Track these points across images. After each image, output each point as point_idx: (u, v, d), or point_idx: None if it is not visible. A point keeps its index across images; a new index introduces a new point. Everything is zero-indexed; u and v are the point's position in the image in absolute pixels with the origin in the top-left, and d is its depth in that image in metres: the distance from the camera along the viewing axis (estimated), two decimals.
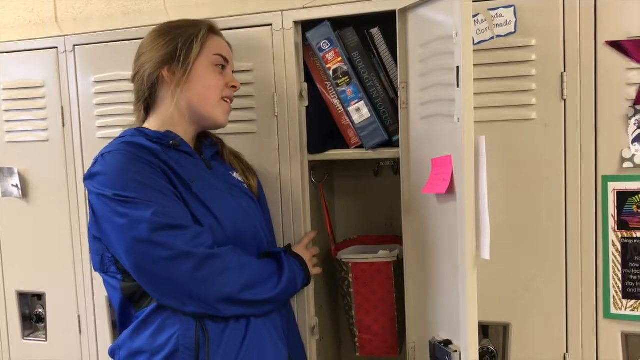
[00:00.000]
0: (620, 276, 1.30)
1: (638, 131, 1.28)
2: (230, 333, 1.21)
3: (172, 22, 1.36)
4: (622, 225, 1.30)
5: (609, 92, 1.29)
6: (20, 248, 1.84)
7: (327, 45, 1.48)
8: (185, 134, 1.33)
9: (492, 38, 1.35)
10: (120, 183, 1.18)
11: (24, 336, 1.88)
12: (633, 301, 1.30)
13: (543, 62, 1.32)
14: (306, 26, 1.50)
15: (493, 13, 1.34)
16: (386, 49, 1.49)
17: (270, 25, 1.51)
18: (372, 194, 1.88)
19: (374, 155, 1.52)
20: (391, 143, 1.50)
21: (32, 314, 1.87)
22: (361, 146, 1.52)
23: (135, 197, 1.16)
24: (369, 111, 1.48)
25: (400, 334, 1.58)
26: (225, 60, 1.36)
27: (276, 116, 1.53)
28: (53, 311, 1.82)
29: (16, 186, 1.80)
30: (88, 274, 1.76)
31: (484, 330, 1.43)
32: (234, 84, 1.37)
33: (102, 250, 1.24)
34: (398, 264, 1.54)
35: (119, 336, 1.28)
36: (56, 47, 1.72)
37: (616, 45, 1.27)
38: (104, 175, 1.20)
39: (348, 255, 1.64)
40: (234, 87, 1.37)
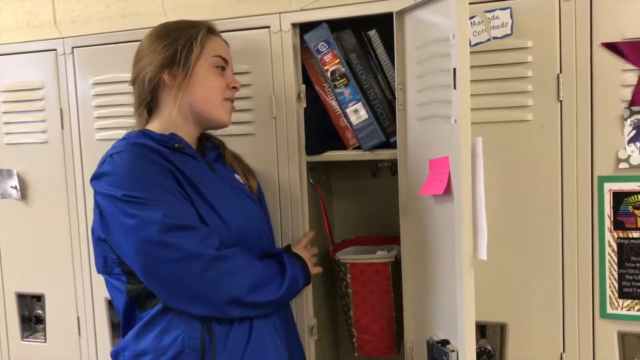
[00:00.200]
0: (616, 276, 1.31)
1: (634, 132, 1.28)
2: (234, 334, 1.21)
3: (171, 24, 1.34)
4: (618, 225, 1.30)
5: (605, 94, 1.29)
6: (19, 249, 1.84)
7: (325, 47, 1.48)
8: (188, 136, 1.32)
9: (489, 40, 1.35)
10: (129, 184, 1.17)
11: (23, 337, 1.88)
12: (629, 301, 1.31)
13: (539, 64, 1.33)
14: (304, 28, 1.51)
15: (489, 15, 1.35)
16: (383, 51, 1.50)
17: (268, 27, 1.51)
18: (370, 195, 1.88)
19: (372, 156, 1.52)
20: (389, 144, 1.50)
21: (32, 315, 1.87)
22: (359, 147, 1.53)
23: (144, 198, 1.15)
24: (367, 112, 1.49)
25: (398, 334, 1.59)
26: (225, 61, 1.35)
27: (274, 118, 1.54)
28: (52, 312, 1.82)
29: (15, 188, 1.80)
30: (87, 276, 1.76)
31: (481, 330, 1.44)
32: (235, 85, 1.36)
33: (106, 251, 1.23)
34: (396, 265, 1.55)
35: (122, 338, 1.26)
36: (55, 50, 1.73)
37: (612, 46, 1.28)
38: (113, 175, 1.19)
39: (346, 255, 1.64)
40: (235, 88, 1.37)
